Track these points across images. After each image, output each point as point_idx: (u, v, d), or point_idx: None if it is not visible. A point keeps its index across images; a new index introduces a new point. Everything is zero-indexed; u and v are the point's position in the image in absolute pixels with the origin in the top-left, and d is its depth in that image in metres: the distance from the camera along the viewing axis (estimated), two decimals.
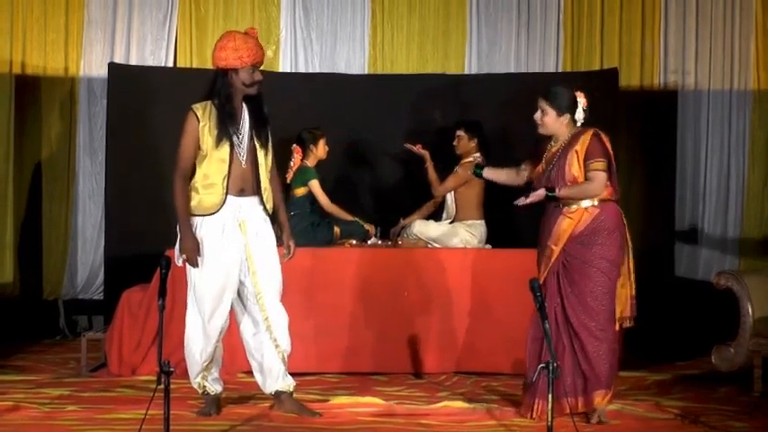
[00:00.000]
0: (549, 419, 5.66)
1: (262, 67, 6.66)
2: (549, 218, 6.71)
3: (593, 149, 6.59)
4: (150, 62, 10.56)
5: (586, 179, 6.56)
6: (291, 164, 9.01)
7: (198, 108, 6.56)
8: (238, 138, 6.56)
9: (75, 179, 10.56)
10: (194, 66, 10.44)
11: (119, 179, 9.82)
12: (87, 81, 10.57)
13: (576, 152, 6.59)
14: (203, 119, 6.52)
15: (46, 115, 10.52)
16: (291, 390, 6.78)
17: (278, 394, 6.79)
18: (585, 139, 6.61)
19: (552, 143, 6.76)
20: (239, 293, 6.71)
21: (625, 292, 6.69)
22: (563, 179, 6.60)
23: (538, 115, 6.71)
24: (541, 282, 6.45)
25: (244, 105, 6.63)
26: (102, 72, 10.29)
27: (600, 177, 6.55)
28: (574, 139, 6.65)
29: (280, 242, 6.87)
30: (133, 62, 10.51)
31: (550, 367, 5.56)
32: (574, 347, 6.59)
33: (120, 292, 8.51)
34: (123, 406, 6.88)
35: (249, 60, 6.49)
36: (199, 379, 6.71)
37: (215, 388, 6.76)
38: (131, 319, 8.30)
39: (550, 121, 6.69)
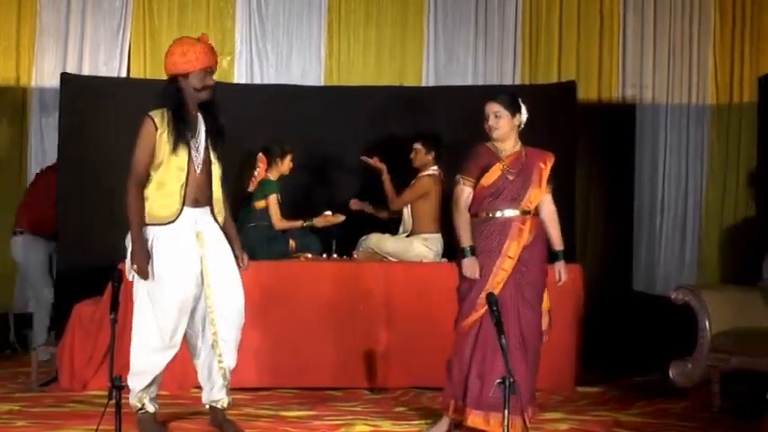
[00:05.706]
0: None
1: (217, 78, 6.55)
2: (498, 229, 6.48)
3: (550, 174, 6.57)
4: (103, 72, 10.48)
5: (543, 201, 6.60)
6: (256, 173, 8.95)
7: (156, 115, 6.37)
8: (195, 146, 6.44)
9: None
10: (148, 76, 10.34)
11: (70, 191, 9.67)
12: (39, 91, 10.49)
13: (542, 170, 6.52)
14: (161, 126, 6.34)
15: None
16: (224, 406, 6.66)
17: (211, 407, 6.71)
18: (550, 160, 6.56)
19: (501, 151, 6.57)
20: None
21: (546, 305, 6.58)
22: (530, 192, 6.48)
23: (493, 121, 6.52)
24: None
25: (199, 114, 6.51)
26: (55, 82, 10.19)
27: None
28: (535, 155, 6.56)
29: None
30: (86, 72, 10.42)
31: (507, 383, 5.43)
32: (527, 361, 6.45)
33: (72, 305, 8.40)
34: (74, 421, 6.81)
35: (198, 64, 6.36)
36: (141, 393, 6.51)
37: (153, 407, 6.57)
38: (83, 333, 8.20)
39: (506, 123, 6.52)
